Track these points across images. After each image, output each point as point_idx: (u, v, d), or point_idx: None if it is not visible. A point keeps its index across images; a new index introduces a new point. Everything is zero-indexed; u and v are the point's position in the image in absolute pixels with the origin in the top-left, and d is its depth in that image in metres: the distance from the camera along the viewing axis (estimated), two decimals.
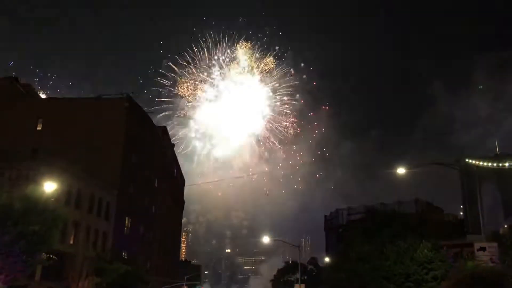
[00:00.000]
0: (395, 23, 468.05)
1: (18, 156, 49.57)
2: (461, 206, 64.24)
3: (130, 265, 54.39)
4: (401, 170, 31.27)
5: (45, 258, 36.89)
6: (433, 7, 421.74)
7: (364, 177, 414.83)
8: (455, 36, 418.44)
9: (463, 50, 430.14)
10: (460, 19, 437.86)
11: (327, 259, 73.03)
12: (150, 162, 78.26)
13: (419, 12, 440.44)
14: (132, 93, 72.33)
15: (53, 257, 41.66)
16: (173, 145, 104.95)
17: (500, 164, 49.22)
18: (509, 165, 49.63)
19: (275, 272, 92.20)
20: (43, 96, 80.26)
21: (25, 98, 69.79)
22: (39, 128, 65.58)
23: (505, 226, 44.22)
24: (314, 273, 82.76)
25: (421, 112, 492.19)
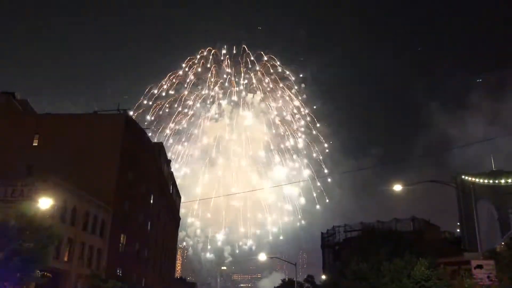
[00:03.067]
0: (393, 44, 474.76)
1: (13, 172, 49.37)
2: (458, 224, 64.15)
3: (125, 282, 53.81)
4: (397, 187, 31.31)
5: (39, 275, 36.46)
6: (431, 28, 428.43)
7: (361, 195, 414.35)
8: (452, 56, 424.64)
9: (460, 70, 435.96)
10: (457, 39, 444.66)
11: (323, 277, 72.57)
12: (146, 179, 77.94)
13: (417, 33, 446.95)
14: (128, 109, 72.44)
15: (48, 274, 41.16)
16: (170, 161, 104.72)
17: (496, 181, 49.41)
18: (505, 182, 49.81)
19: None
20: (39, 111, 79.99)
21: (21, 113, 69.68)
22: (35, 144, 65.23)
23: (502, 243, 44.13)
24: None
25: (419, 131, 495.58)
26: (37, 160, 59.89)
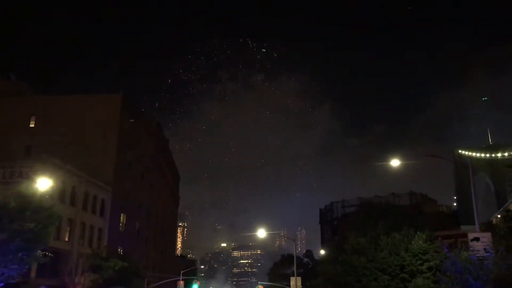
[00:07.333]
0: (394, 23, 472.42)
1: (11, 154, 49.34)
2: (455, 197, 64.63)
3: (126, 261, 54.31)
4: (395, 162, 31.33)
5: (40, 255, 36.78)
6: (431, 7, 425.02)
7: (359, 170, 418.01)
8: (451, 34, 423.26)
9: (459, 47, 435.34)
10: (457, 18, 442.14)
11: (322, 252, 73.36)
12: (145, 158, 78.06)
13: (417, 11, 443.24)
14: (125, 90, 72.09)
15: (49, 254, 41.56)
16: (168, 140, 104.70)
17: (493, 155, 49.55)
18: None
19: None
20: (36, 93, 79.47)
21: (18, 95, 69.29)
22: (32, 125, 65.13)
23: (498, 216, 44.55)
24: (309, 266, 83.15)
25: (419, 107, 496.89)
26: (34, 141, 59.88)
